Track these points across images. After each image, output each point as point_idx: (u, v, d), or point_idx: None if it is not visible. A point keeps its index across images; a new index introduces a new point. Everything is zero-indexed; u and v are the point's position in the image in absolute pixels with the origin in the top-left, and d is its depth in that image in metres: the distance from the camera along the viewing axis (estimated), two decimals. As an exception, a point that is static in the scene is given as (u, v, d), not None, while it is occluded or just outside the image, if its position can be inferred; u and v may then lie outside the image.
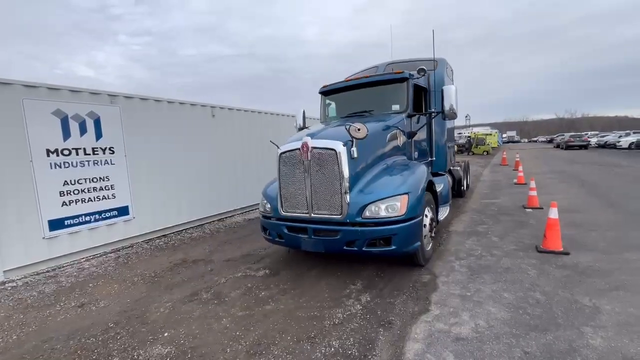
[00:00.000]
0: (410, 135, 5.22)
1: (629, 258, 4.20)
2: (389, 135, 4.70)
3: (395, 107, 5.29)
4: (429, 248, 4.49)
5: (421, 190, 4.09)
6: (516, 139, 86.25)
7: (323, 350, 2.69)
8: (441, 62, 6.50)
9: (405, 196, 3.81)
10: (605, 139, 32.99)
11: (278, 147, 4.45)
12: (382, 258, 4.54)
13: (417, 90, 5.46)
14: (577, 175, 12.42)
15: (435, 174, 5.90)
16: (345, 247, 3.84)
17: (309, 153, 3.94)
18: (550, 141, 56.57)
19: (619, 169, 13.63)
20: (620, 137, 30.21)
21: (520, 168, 12.85)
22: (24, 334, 3.23)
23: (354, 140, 3.96)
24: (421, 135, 5.65)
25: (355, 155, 3.95)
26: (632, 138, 26.46)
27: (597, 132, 46.14)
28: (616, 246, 4.65)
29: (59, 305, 3.84)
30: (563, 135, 41.44)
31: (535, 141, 79.02)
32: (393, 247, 3.72)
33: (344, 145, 3.87)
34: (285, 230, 4.23)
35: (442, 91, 5.12)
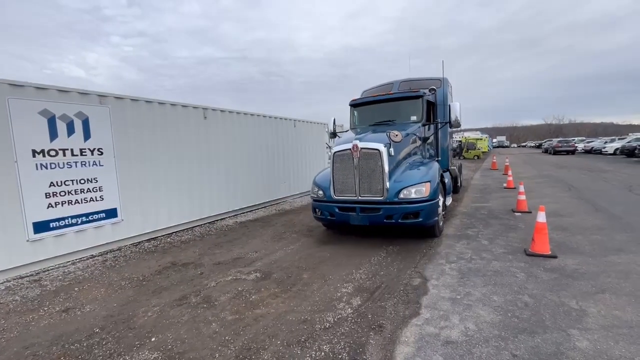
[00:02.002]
0: (424, 139, 6.62)
1: (614, 261, 4.29)
2: (411, 140, 6.07)
3: (413, 118, 6.61)
4: (441, 224, 5.97)
5: (438, 180, 5.49)
6: (506, 143, 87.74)
7: (313, 354, 2.67)
8: (444, 81, 7.89)
9: (428, 183, 5.19)
10: (591, 144, 33.74)
11: (330, 148, 5.86)
12: (407, 232, 5.96)
13: (428, 105, 6.77)
14: (564, 180, 12.68)
15: None
16: (385, 220, 5.14)
17: (358, 152, 5.27)
18: (539, 146, 57.63)
19: (604, 174, 13.95)
20: (605, 143, 30.98)
21: (510, 172, 13.06)
22: (5, 340, 3.13)
23: (391, 142, 5.40)
24: (430, 139, 6.94)
25: (392, 153, 5.34)
26: (617, 144, 27.12)
27: (583, 138, 47.18)
28: (602, 249, 4.75)
29: (43, 310, 3.73)
30: (551, 140, 42.31)
31: (524, 146, 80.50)
32: (420, 219, 5.06)
33: (384, 146, 5.23)
34: (337, 210, 5.51)
35: (449, 106, 6.54)
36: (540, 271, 4.08)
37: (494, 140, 75.66)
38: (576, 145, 33.66)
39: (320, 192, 5.81)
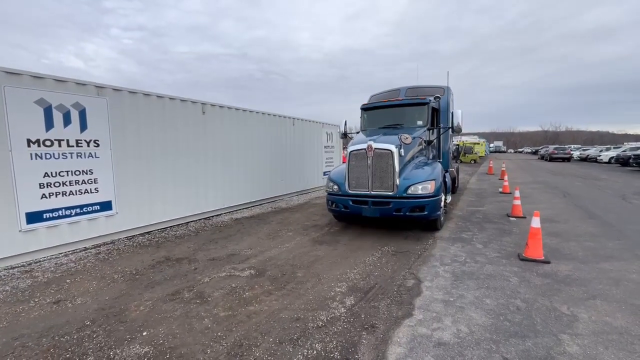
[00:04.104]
0: (428, 143, 7.18)
1: (606, 268, 4.33)
2: (417, 142, 6.59)
3: (419, 123, 7.16)
4: (442, 219, 6.53)
5: (441, 179, 6.07)
6: (502, 149, 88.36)
7: (305, 353, 2.67)
8: (447, 90, 8.43)
9: (433, 181, 5.77)
10: (587, 152, 34.05)
11: (346, 148, 6.51)
12: (414, 224, 6.61)
13: (432, 111, 7.31)
14: (559, 186, 12.78)
15: None
16: (394, 213, 5.68)
17: (372, 152, 5.83)
18: (535, 152, 58.07)
19: (599, 182, 14.08)
20: (601, 151, 31.27)
21: (506, 177, 13.15)
22: (-6, 331, 3.10)
23: (402, 144, 5.97)
24: (433, 143, 7.47)
25: (402, 154, 5.91)
26: (612, 153, 27.40)
27: (579, 146, 47.60)
28: (594, 256, 4.79)
29: (33, 301, 3.70)
30: (547, 147, 42.62)
31: (521, 152, 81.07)
32: (426, 213, 5.65)
33: (396, 147, 5.77)
34: (351, 203, 6.05)
35: (452, 113, 7.22)
36: (533, 276, 4.11)
37: (491, 145, 76.15)
38: (572, 152, 33.94)
39: (336, 186, 6.32)
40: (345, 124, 8.36)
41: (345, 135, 8.37)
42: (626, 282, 3.89)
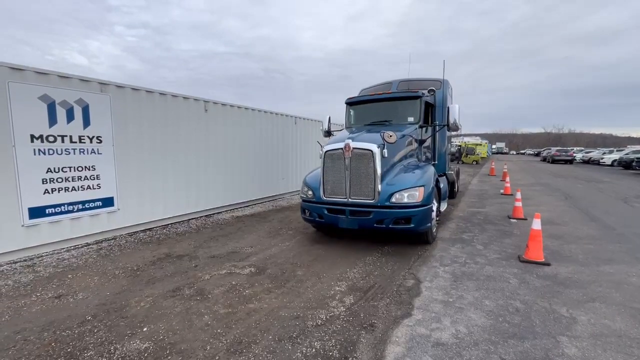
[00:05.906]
0: (421, 142, 6.35)
1: (606, 271, 4.33)
2: (406, 142, 5.82)
3: (410, 119, 6.35)
4: (434, 230, 5.65)
5: (432, 185, 5.24)
6: (505, 150, 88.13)
7: (304, 351, 2.69)
8: (444, 83, 7.53)
9: (422, 188, 4.94)
10: (589, 155, 33.90)
11: (322, 147, 5.53)
12: (400, 236, 5.68)
13: (426, 106, 6.50)
14: (561, 189, 12.74)
15: None
16: (375, 225, 4.89)
17: (350, 152, 5.04)
18: (538, 154, 57.92)
19: (601, 184, 14.03)
20: (603, 154, 31.14)
21: (507, 179, 13.12)
22: (-4, 324, 3.13)
23: (385, 143, 5.13)
24: (427, 142, 6.69)
25: (386, 155, 5.06)
26: (615, 155, 27.28)
27: (582, 148, 47.38)
28: (594, 259, 4.79)
29: (35, 295, 3.73)
30: (550, 149, 42.47)
31: (523, 153, 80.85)
32: (412, 225, 4.82)
33: (378, 147, 4.98)
34: (326, 212, 5.25)
35: (448, 108, 6.24)
36: (533, 278, 4.11)
37: (494, 146, 76.03)
38: (574, 155, 33.81)
39: (310, 192, 5.53)
40: (329, 121, 7.44)
41: (328, 134, 7.37)
42: (626, 285, 3.89)
